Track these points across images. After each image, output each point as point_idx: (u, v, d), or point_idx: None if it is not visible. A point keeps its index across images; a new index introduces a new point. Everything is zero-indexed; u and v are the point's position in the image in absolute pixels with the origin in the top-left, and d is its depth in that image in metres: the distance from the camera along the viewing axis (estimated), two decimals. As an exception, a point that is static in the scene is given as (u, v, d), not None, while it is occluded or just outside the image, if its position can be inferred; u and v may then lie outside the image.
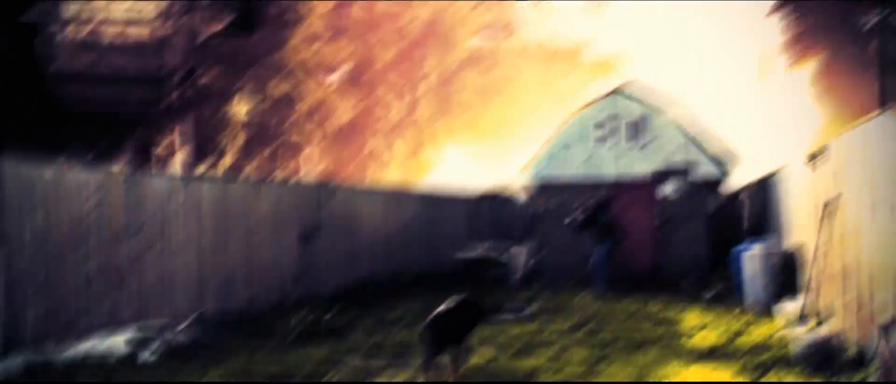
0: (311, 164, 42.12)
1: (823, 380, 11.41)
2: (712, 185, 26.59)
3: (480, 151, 56.87)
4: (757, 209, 25.55)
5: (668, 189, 25.70)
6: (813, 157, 15.09)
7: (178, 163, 37.25)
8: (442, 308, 12.17)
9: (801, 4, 37.72)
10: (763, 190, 24.11)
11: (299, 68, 40.33)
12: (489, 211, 36.61)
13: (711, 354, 13.70)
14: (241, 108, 40.46)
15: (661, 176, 25.72)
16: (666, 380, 11.87)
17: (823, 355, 12.63)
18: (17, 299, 13.39)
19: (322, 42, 42.12)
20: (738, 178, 28.51)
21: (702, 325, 16.85)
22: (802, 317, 15.37)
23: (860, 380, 10.85)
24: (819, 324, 14.61)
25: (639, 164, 25.96)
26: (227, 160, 40.76)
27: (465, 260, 29.59)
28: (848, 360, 12.02)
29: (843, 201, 13.16)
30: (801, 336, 13.07)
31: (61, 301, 14.31)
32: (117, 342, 14.33)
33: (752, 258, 18.52)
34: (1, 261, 12.96)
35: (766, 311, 17.71)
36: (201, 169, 40.59)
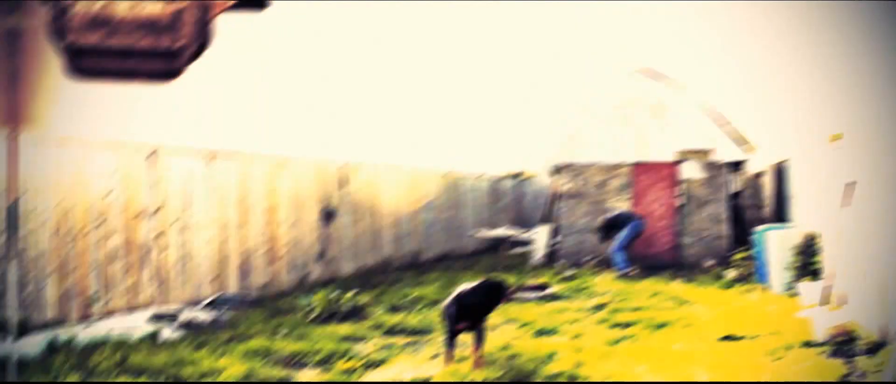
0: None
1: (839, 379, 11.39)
2: (734, 166, 26.52)
3: (505, 130, 56.86)
4: (778, 190, 25.48)
5: (690, 170, 25.64)
6: (835, 139, 15.05)
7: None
8: (464, 287, 12.19)
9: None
10: (785, 171, 24.04)
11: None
12: (511, 191, 36.68)
13: (732, 336, 13.69)
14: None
15: (685, 156, 25.67)
16: (676, 380, 11.85)
17: (843, 338, 12.62)
18: (37, 278, 13.48)
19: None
20: (760, 160, 28.42)
21: (723, 306, 16.83)
22: (823, 300, 15.34)
23: (880, 361, 10.83)
24: (839, 306, 14.59)
25: (662, 144, 25.90)
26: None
27: (487, 238, 29.65)
28: (867, 343, 12.00)
29: (867, 182, 13.12)
30: (823, 318, 13.06)
31: (82, 279, 14.40)
32: (138, 320, 14.41)
33: (773, 240, 18.49)
34: (17, 242, 13.03)
35: (788, 293, 17.69)
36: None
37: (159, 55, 3.67)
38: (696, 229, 25.60)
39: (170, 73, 3.77)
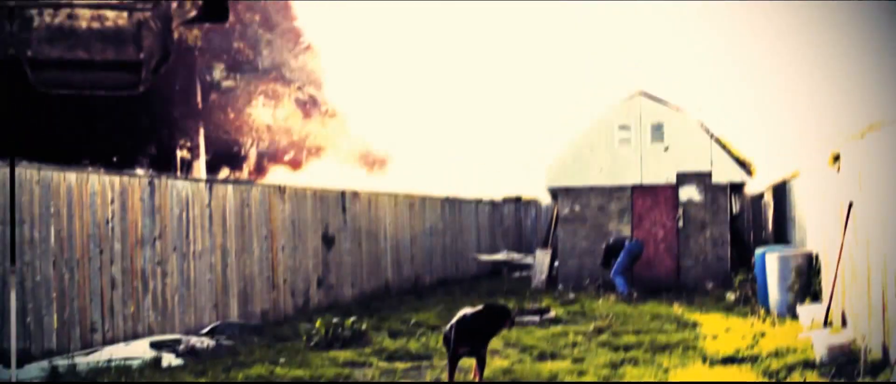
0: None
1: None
2: (735, 187, 26.52)
3: (504, 154, 56.92)
4: (780, 211, 25.47)
5: (691, 191, 25.64)
6: (836, 159, 15.06)
7: (200, 166, 37.41)
8: (467, 311, 12.18)
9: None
10: (786, 192, 24.04)
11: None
12: (512, 216, 36.70)
13: (734, 357, 13.68)
14: (264, 112, 40.69)
15: (684, 178, 25.68)
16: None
17: (846, 358, 12.61)
18: (37, 307, 13.48)
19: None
20: (762, 181, 28.42)
21: (725, 328, 16.82)
22: (825, 320, 15.33)
23: (882, 382, 10.81)
24: (842, 326, 14.57)
25: (662, 167, 25.89)
26: (250, 163, 40.94)
27: (488, 262, 29.64)
28: (871, 363, 11.99)
29: (866, 203, 13.13)
30: (824, 339, 13.04)
31: (82, 308, 14.40)
32: (141, 346, 14.40)
33: (774, 261, 18.48)
34: (17, 269, 13.04)
35: (788, 314, 17.67)
36: (224, 172, 40.77)
37: (123, 67, 3.66)
38: (696, 251, 25.60)
39: (133, 85, 3.75)
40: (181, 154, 39.58)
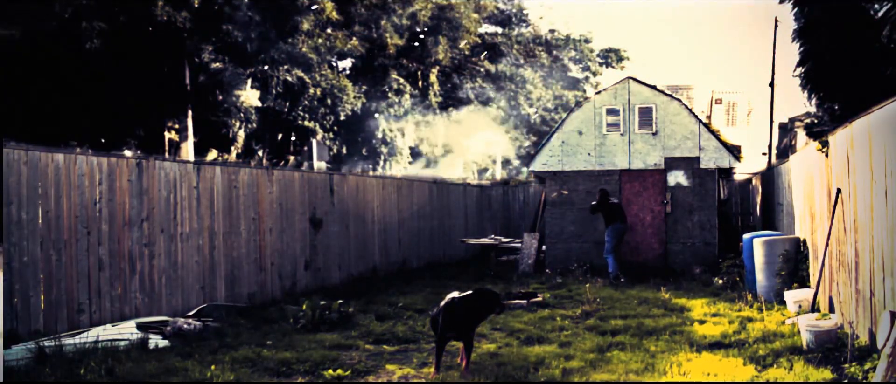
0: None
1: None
2: (723, 172, 26.54)
3: (492, 139, 56.91)
4: (768, 197, 25.49)
5: (679, 176, 25.66)
6: (825, 145, 15.06)
7: (188, 148, 37.33)
8: (455, 295, 12.17)
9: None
10: (774, 178, 24.06)
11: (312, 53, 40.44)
12: (500, 198, 36.71)
13: (721, 342, 13.69)
14: (253, 94, 40.60)
15: (673, 163, 25.69)
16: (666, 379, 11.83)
17: (833, 344, 12.63)
18: (24, 288, 13.45)
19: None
20: (750, 166, 28.47)
21: (712, 313, 16.84)
22: (813, 306, 15.36)
23: (869, 368, 10.83)
24: (829, 312, 14.59)
25: (650, 151, 25.91)
26: (238, 146, 40.87)
27: (475, 245, 29.65)
28: (857, 349, 12.01)
29: (853, 189, 13.14)
30: (811, 324, 13.06)
31: (70, 289, 14.37)
32: (128, 328, 14.36)
33: (762, 246, 18.50)
34: (5, 250, 13.00)
35: (776, 300, 17.71)
36: (212, 155, 40.69)
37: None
38: (684, 236, 25.63)
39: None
40: (169, 136, 39.49)
